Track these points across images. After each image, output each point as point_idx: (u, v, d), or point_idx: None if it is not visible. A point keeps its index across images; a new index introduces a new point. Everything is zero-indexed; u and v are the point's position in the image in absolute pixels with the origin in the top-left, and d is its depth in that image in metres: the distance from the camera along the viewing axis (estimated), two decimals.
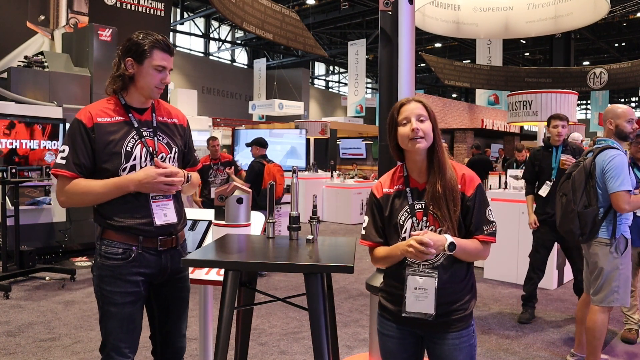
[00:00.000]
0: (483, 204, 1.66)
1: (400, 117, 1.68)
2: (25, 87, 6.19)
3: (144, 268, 1.87)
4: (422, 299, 1.61)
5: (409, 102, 1.69)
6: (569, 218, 2.97)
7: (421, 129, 1.63)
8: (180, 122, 2.04)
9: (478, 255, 1.65)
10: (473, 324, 1.71)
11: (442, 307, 1.62)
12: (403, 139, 1.66)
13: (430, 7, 7.34)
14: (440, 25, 7.59)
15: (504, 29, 7.59)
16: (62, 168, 1.81)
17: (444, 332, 1.65)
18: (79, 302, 4.48)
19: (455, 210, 1.61)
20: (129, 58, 1.85)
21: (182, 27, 24.43)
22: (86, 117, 1.84)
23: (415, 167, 1.70)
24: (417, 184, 1.70)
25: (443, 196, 1.61)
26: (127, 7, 8.63)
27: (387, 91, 2.76)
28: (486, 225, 1.65)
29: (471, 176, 1.68)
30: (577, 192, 2.95)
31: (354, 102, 20.02)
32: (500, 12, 7.54)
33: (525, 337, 3.80)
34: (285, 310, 4.22)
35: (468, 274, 1.69)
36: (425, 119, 1.66)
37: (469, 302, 1.68)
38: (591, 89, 16.94)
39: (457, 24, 7.60)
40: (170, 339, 2.03)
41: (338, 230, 9.07)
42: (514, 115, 5.92)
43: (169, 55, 1.88)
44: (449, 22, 7.57)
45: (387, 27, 2.75)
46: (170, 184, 1.83)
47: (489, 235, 1.64)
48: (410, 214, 1.67)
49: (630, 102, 39.15)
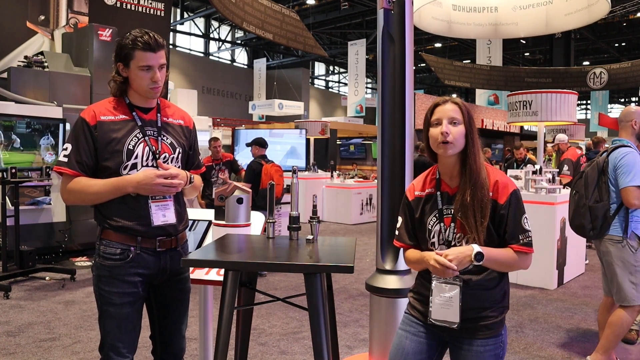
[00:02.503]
0: (518, 212, 1.59)
1: (433, 117, 1.63)
2: (25, 87, 6.19)
3: (142, 269, 1.87)
4: (448, 307, 1.57)
5: (444, 103, 1.63)
6: (580, 212, 3.03)
7: (451, 133, 1.57)
8: (187, 124, 2.03)
9: (513, 265, 1.58)
10: (503, 334, 1.64)
11: (470, 312, 1.58)
12: (433, 141, 1.62)
13: (462, 14, 7.27)
14: (474, 30, 7.53)
15: (544, 25, 7.51)
16: (64, 166, 1.81)
17: (470, 338, 1.60)
18: (79, 302, 4.48)
19: (483, 222, 1.55)
20: (119, 62, 1.86)
21: (182, 27, 24.43)
22: (90, 115, 1.84)
23: (447, 171, 1.66)
24: (448, 188, 1.66)
25: (471, 206, 1.55)
26: (127, 7, 8.63)
27: (392, 90, 2.74)
28: (522, 234, 1.58)
29: (505, 183, 1.60)
30: (589, 187, 3.02)
31: (354, 102, 20.02)
32: (540, 8, 7.41)
33: (525, 337, 3.81)
34: (285, 310, 4.22)
35: (501, 283, 1.63)
36: (459, 123, 1.60)
37: (499, 311, 1.62)
38: (591, 89, 16.94)
39: (495, 25, 7.52)
40: (170, 339, 2.03)
41: (338, 230, 9.07)
42: (514, 115, 5.91)
43: (152, 53, 1.82)
44: (484, 25, 7.49)
45: (394, 26, 2.74)
46: (170, 185, 1.83)
47: (524, 245, 1.57)
48: (438, 219, 1.63)
49: (630, 102, 39.19)
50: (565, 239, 5.33)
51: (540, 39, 19.95)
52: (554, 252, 5.11)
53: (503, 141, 17.27)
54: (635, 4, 16.36)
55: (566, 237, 5.33)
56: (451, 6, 7.30)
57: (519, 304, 4.61)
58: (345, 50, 21.62)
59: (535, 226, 5.14)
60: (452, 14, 7.30)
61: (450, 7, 7.29)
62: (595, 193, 2.99)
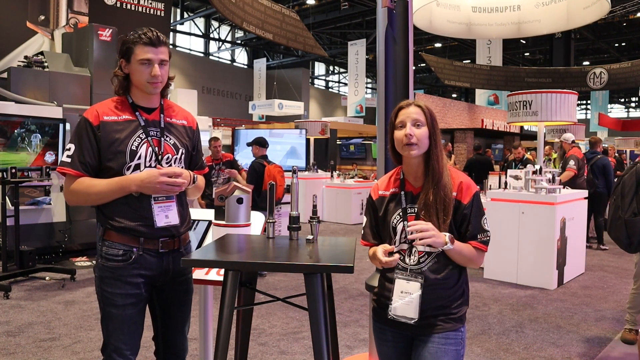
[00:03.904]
0: (479, 213, 1.67)
1: (397, 120, 1.68)
2: (25, 87, 6.19)
3: (144, 270, 1.86)
4: (408, 303, 1.63)
5: (408, 106, 1.68)
6: (616, 225, 2.82)
7: (415, 135, 1.62)
8: (190, 125, 2.03)
9: (472, 260, 1.66)
10: (463, 331, 1.69)
11: (429, 310, 1.63)
12: (397, 143, 1.68)
13: (482, 15, 7.27)
14: (497, 30, 7.51)
15: (565, 20, 7.47)
16: (67, 166, 1.81)
17: (430, 332, 1.65)
18: (79, 302, 4.48)
19: (445, 219, 1.62)
20: (122, 59, 1.87)
21: (182, 27, 24.43)
22: (93, 115, 1.83)
23: (411, 171, 1.71)
24: (412, 187, 1.71)
25: (434, 205, 1.62)
26: (127, 7, 8.64)
27: (395, 89, 2.74)
28: (481, 234, 1.66)
29: (468, 184, 1.68)
30: (625, 198, 2.79)
31: (354, 102, 20.02)
32: (561, 3, 7.34)
33: (525, 337, 3.80)
34: (285, 310, 4.22)
35: (460, 281, 1.69)
36: (422, 125, 1.65)
37: (458, 308, 1.67)
38: (591, 89, 16.94)
39: (519, 24, 7.51)
40: (173, 340, 2.02)
41: (338, 230, 9.07)
42: (514, 115, 5.91)
43: (152, 48, 1.82)
44: (507, 24, 7.48)
45: (397, 25, 2.74)
46: (173, 184, 1.82)
47: (482, 243, 1.66)
48: (402, 217, 1.68)
49: (630, 102, 39.18)
50: (565, 239, 5.33)
51: (540, 39, 19.96)
52: (554, 252, 5.10)
53: (503, 141, 17.27)
54: (635, 4, 16.35)
55: (566, 237, 5.33)
56: (470, 8, 7.30)
57: (519, 304, 4.61)
58: (345, 50, 21.62)
59: (535, 226, 5.19)
60: (471, 16, 7.30)
61: (469, 10, 7.28)
62: (632, 204, 2.75)
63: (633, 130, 22.97)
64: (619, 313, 4.39)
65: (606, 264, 6.45)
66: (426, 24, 7.09)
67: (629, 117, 37.17)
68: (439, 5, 6.73)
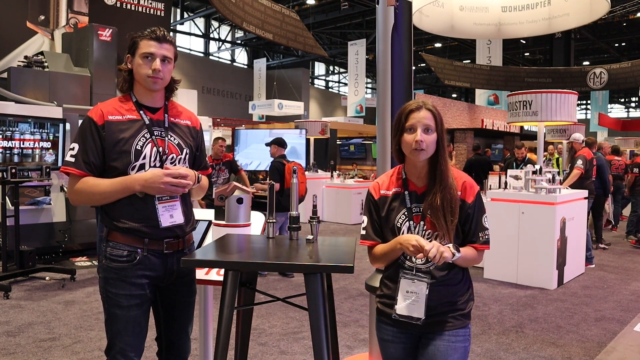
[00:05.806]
0: (481, 211, 1.70)
1: (408, 123, 1.66)
2: (25, 87, 6.19)
3: (149, 271, 1.86)
4: (413, 303, 1.63)
5: (419, 110, 1.66)
6: None
7: (425, 141, 1.62)
8: (193, 125, 2.03)
9: (474, 261, 1.69)
10: (470, 328, 1.71)
11: (439, 307, 1.64)
12: (406, 146, 1.66)
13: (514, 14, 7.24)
14: (528, 27, 7.51)
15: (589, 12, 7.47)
16: (71, 166, 1.80)
17: (440, 330, 1.66)
18: (79, 302, 4.48)
19: (453, 220, 1.63)
20: (128, 55, 1.88)
21: (182, 27, 24.41)
22: (97, 115, 1.83)
23: (415, 172, 1.71)
24: (415, 187, 1.71)
25: (441, 207, 1.62)
26: (127, 7, 8.64)
27: (400, 88, 2.74)
28: (482, 232, 1.69)
29: (471, 184, 1.71)
30: None
31: (354, 102, 20.01)
32: None
33: (525, 337, 3.80)
34: (285, 310, 4.22)
35: (464, 277, 1.72)
36: (432, 131, 1.64)
37: (466, 303, 1.70)
38: (591, 89, 16.92)
39: (549, 19, 7.50)
40: (177, 341, 2.02)
41: (338, 230, 9.07)
42: (514, 115, 5.91)
43: (156, 42, 1.83)
44: (538, 20, 7.48)
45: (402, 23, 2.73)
46: (177, 184, 1.81)
47: (484, 244, 1.69)
48: (407, 217, 1.68)
49: (630, 102, 39.16)
50: (565, 239, 5.33)
51: (541, 39, 19.94)
52: (554, 252, 5.10)
53: (503, 141, 17.26)
54: (635, 4, 16.34)
55: (566, 237, 5.33)
56: (500, 8, 7.29)
57: (519, 304, 4.61)
58: (345, 50, 21.60)
59: (535, 226, 5.19)
60: (502, 16, 7.29)
61: (498, 10, 7.26)
62: None
63: (633, 130, 22.99)
64: (619, 313, 4.39)
65: (606, 264, 6.45)
66: (446, 28, 7.06)
67: (629, 117, 37.15)
68: (462, 10, 6.72)
